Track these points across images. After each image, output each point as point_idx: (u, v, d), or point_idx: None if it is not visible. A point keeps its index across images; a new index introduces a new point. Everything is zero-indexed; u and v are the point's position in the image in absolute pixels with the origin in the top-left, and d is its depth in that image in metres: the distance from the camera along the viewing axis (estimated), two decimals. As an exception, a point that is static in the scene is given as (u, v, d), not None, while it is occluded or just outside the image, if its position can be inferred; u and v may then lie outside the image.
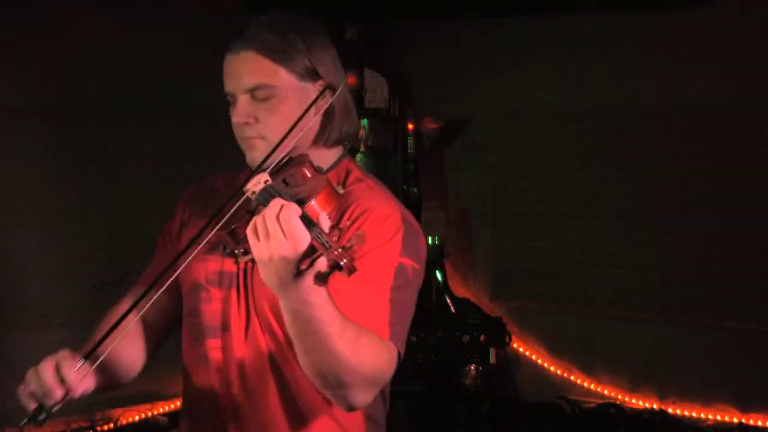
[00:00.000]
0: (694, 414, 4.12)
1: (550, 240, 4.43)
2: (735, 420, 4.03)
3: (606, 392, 4.31)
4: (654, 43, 4.11)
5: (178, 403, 4.23)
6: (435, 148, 4.59)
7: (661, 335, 4.20)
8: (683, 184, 4.12)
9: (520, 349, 4.51)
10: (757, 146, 3.95)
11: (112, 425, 4.09)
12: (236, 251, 1.53)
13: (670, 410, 4.15)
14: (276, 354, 1.65)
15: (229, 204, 1.48)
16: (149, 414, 4.19)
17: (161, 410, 4.21)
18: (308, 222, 1.32)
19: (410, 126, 4.35)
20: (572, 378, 4.39)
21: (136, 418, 4.16)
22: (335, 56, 1.74)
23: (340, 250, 1.29)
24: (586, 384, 4.36)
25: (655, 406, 4.19)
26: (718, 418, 4.06)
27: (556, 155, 4.39)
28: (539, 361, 4.48)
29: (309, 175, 1.54)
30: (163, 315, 1.83)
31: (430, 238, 4.21)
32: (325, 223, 1.33)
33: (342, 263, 1.28)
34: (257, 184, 1.47)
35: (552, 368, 4.44)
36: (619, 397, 4.27)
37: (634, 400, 4.25)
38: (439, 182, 4.69)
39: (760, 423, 3.98)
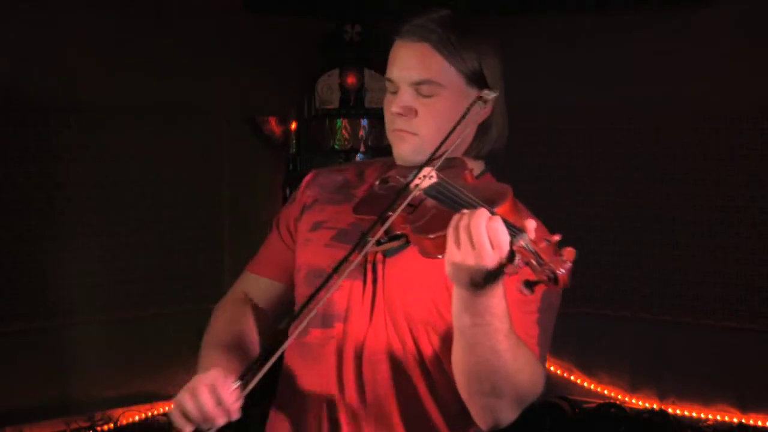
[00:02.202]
0: (694, 414, 4.12)
1: (550, 240, 4.42)
2: (735, 420, 4.03)
3: (606, 392, 4.31)
4: (654, 43, 4.11)
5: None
6: (435, 148, 4.58)
7: (661, 335, 4.19)
8: (683, 184, 4.11)
9: (520, 349, 4.50)
10: (757, 146, 3.95)
11: (112, 425, 4.09)
12: (370, 239, 1.44)
13: (670, 410, 4.15)
14: (398, 353, 1.57)
15: (396, 193, 1.44)
16: (149, 414, 4.18)
17: (161, 410, 4.20)
18: (513, 228, 1.26)
19: (410, 126, 4.33)
20: (572, 378, 4.39)
21: (136, 418, 4.15)
22: (502, 67, 1.70)
23: (558, 259, 1.22)
24: (586, 384, 4.35)
25: (655, 406, 4.19)
26: (718, 418, 4.06)
27: (555, 155, 4.39)
28: (539, 361, 4.47)
29: (470, 181, 1.51)
30: (274, 303, 1.76)
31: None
32: (533, 232, 1.26)
33: (559, 273, 1.20)
34: (422, 178, 1.45)
35: (552, 368, 4.44)
36: (619, 397, 4.27)
37: (634, 400, 4.25)
38: (439, 182, 4.68)
39: (760, 423, 3.98)
